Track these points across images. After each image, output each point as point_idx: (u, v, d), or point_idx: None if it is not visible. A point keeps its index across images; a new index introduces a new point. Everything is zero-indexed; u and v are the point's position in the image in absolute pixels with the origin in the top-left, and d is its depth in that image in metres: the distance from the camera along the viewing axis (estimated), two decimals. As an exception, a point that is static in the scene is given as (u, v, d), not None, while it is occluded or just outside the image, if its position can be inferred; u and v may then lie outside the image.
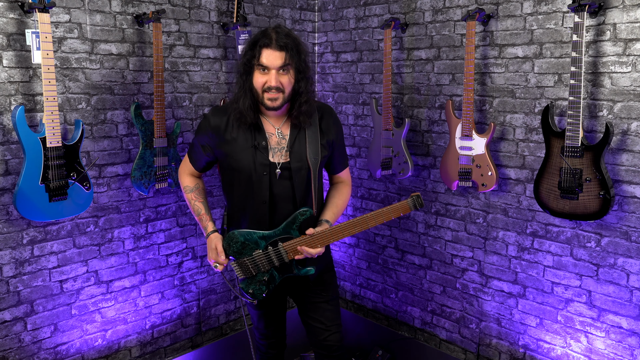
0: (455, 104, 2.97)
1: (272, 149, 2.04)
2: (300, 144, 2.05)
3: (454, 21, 3.01)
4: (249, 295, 2.13)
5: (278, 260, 2.05)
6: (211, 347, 3.33)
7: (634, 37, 2.37)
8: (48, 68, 2.31)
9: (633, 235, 2.47)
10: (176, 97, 3.06)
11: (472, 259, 3.08)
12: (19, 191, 2.35)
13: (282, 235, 2.04)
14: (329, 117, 2.13)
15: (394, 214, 1.96)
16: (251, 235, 2.05)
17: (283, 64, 1.92)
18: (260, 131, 2.03)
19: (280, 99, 1.96)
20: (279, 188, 2.03)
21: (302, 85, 1.98)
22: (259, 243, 2.05)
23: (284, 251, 2.03)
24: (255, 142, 2.02)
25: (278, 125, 2.06)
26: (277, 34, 1.93)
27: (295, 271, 2.08)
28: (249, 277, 2.10)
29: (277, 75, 1.92)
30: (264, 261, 2.07)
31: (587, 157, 2.40)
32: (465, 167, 2.87)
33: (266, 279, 2.09)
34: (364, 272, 3.67)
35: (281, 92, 1.94)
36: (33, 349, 2.66)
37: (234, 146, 2.03)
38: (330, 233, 2.01)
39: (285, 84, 1.95)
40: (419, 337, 3.39)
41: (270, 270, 2.08)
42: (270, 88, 1.93)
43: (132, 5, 2.80)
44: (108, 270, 2.89)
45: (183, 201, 3.16)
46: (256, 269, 2.08)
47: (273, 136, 2.05)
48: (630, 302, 2.51)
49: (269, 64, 1.91)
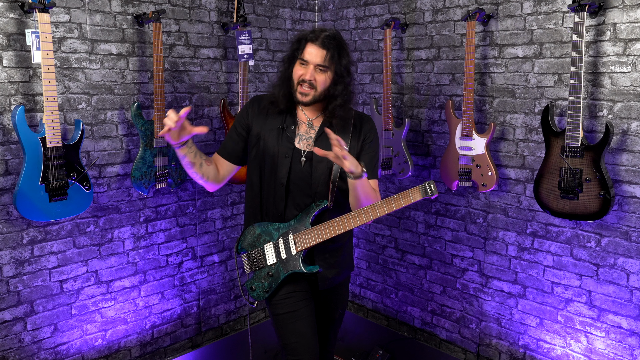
0: (455, 104, 2.97)
1: (299, 135, 2.07)
2: (328, 140, 2.04)
3: (454, 21, 3.01)
4: (251, 293, 2.09)
5: (286, 251, 2.02)
6: (211, 347, 3.33)
7: (634, 37, 2.37)
8: (48, 68, 2.30)
9: (633, 235, 2.47)
10: (176, 97, 3.06)
11: (472, 259, 3.08)
12: (19, 191, 2.35)
13: (295, 226, 2.03)
14: (366, 124, 2.14)
15: (404, 201, 1.85)
16: (267, 227, 2.06)
17: (322, 63, 1.96)
18: (292, 116, 2.07)
19: (311, 96, 1.99)
20: (298, 174, 2.04)
21: (338, 89, 2.01)
22: (272, 234, 2.05)
23: (292, 242, 2.01)
24: (284, 124, 2.06)
25: (311, 116, 2.09)
26: (325, 33, 1.99)
27: (301, 268, 2.03)
28: (256, 270, 2.07)
29: (314, 72, 1.97)
30: (272, 253, 2.04)
31: (587, 157, 2.39)
32: (465, 167, 2.87)
33: (271, 274, 2.05)
34: (364, 272, 3.67)
35: (313, 88, 1.98)
36: (33, 349, 2.66)
37: (264, 127, 2.08)
38: (339, 222, 1.94)
39: (320, 82, 1.98)
40: (419, 337, 3.39)
41: (276, 264, 2.04)
42: (304, 81, 1.97)
43: (132, 5, 2.80)
44: (108, 270, 2.89)
45: (183, 201, 3.16)
46: (263, 262, 2.06)
47: (303, 124, 2.08)
48: (630, 302, 2.51)
49: (309, 59, 1.96)
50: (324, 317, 2.21)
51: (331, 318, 2.24)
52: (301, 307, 2.07)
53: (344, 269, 2.18)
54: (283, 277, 2.04)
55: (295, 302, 2.07)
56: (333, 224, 1.95)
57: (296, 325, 2.06)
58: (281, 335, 2.09)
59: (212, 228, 3.33)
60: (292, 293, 2.07)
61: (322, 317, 2.20)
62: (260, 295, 2.08)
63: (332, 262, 2.10)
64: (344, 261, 2.17)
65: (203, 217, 3.28)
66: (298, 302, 2.07)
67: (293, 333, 2.06)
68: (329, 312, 2.22)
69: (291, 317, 2.06)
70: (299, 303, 2.07)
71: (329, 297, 2.18)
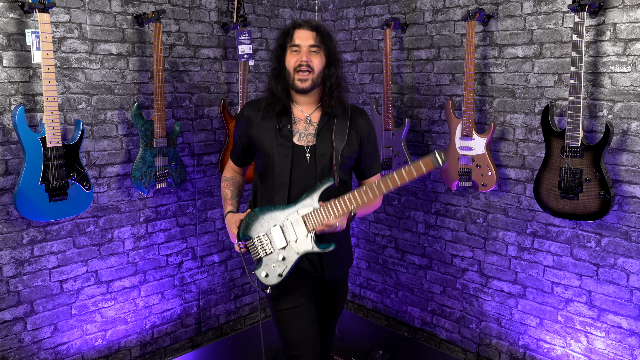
0: (455, 104, 2.97)
1: (298, 132, 2.06)
2: (328, 131, 2.06)
3: (454, 21, 3.01)
4: (263, 279, 1.98)
5: (297, 233, 1.96)
6: (211, 347, 3.33)
7: (634, 37, 2.37)
8: (48, 68, 2.31)
9: (633, 235, 2.47)
10: (176, 97, 3.06)
11: (472, 259, 3.08)
12: (19, 191, 2.35)
13: (302, 206, 1.96)
14: (361, 117, 2.14)
15: (417, 172, 1.79)
16: (271, 210, 2.00)
17: (314, 43, 1.99)
18: (287, 115, 2.07)
19: (310, 80, 1.99)
20: (301, 171, 2.03)
21: (332, 70, 2.03)
22: (277, 217, 1.98)
23: (301, 223, 1.95)
24: (280, 125, 2.05)
25: (308, 112, 2.08)
26: (309, 19, 2.05)
27: (314, 247, 1.95)
28: (264, 256, 1.98)
29: (309, 53, 1.98)
30: (281, 236, 1.97)
31: (587, 157, 2.40)
32: (465, 167, 2.87)
33: (282, 258, 1.97)
34: (364, 272, 3.67)
35: (311, 71, 1.99)
36: (33, 349, 2.66)
37: (260, 129, 2.08)
38: (350, 197, 1.89)
39: (316, 64, 1.99)
40: (419, 337, 3.39)
41: (286, 247, 1.96)
42: (301, 65, 1.98)
43: (132, 5, 2.80)
44: (108, 270, 2.89)
45: (183, 201, 3.16)
46: (272, 246, 1.98)
47: (301, 122, 2.07)
48: (630, 302, 2.51)
49: (301, 42, 1.98)
50: (325, 311, 2.21)
51: (331, 312, 2.24)
52: (303, 302, 2.07)
53: (346, 261, 2.20)
54: (296, 260, 1.97)
55: (297, 297, 2.06)
56: (344, 199, 1.90)
57: (299, 320, 2.06)
58: (283, 331, 2.08)
59: (212, 228, 3.33)
60: (295, 290, 2.06)
61: (323, 312, 2.20)
62: (273, 281, 1.98)
63: (334, 254, 2.05)
64: (345, 251, 2.18)
65: (203, 217, 3.28)
66: (300, 298, 2.06)
67: (295, 328, 2.05)
68: (330, 306, 2.22)
69: (294, 313, 2.05)
70: (302, 299, 2.06)
71: (330, 292, 2.19)
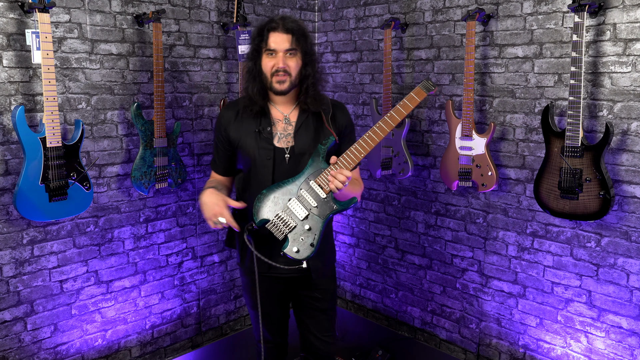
0: (455, 104, 2.97)
1: (277, 134, 2.05)
2: (307, 129, 2.06)
3: (454, 21, 3.01)
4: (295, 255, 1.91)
5: (315, 199, 1.93)
6: (211, 347, 3.33)
7: (634, 37, 2.37)
8: (48, 68, 2.31)
9: (633, 235, 2.47)
10: (176, 97, 3.06)
11: (472, 259, 3.08)
12: (19, 191, 2.35)
13: (311, 172, 1.94)
14: (340, 110, 2.14)
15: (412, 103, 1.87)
16: (279, 187, 1.95)
17: (290, 47, 1.96)
18: (266, 117, 2.06)
19: (288, 82, 1.99)
20: (283, 173, 2.03)
21: (309, 69, 2.02)
22: (290, 190, 1.94)
23: (317, 187, 1.92)
24: (259, 127, 2.04)
25: (286, 112, 2.07)
26: (284, 19, 1.98)
27: (337, 206, 1.92)
28: (289, 232, 1.92)
29: (285, 58, 1.96)
30: (300, 207, 1.92)
31: (587, 157, 2.40)
32: (465, 167, 2.87)
33: (308, 228, 1.92)
34: (364, 272, 3.67)
35: (288, 74, 1.97)
36: (33, 349, 2.66)
37: (241, 132, 2.07)
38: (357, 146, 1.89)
39: (293, 67, 1.98)
40: (419, 337, 3.39)
41: (309, 216, 1.92)
42: (278, 70, 1.96)
43: (132, 5, 2.80)
44: (108, 270, 2.89)
45: (183, 201, 3.16)
46: (296, 220, 1.92)
47: (280, 122, 2.07)
48: (630, 302, 2.51)
49: (277, 47, 1.95)
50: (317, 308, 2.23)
51: (323, 308, 2.24)
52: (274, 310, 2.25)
53: (330, 257, 2.22)
54: (323, 225, 1.94)
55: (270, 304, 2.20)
56: (352, 151, 1.89)
57: (266, 325, 2.26)
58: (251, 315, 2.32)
59: (212, 228, 3.33)
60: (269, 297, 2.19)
61: (315, 309, 2.22)
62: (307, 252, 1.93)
63: (319, 253, 2.03)
64: (329, 248, 2.21)
65: (203, 217, 3.27)
66: (273, 306, 2.23)
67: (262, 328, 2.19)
68: (320, 302, 2.23)
69: (263, 317, 2.20)
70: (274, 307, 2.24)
71: (318, 288, 2.21)
